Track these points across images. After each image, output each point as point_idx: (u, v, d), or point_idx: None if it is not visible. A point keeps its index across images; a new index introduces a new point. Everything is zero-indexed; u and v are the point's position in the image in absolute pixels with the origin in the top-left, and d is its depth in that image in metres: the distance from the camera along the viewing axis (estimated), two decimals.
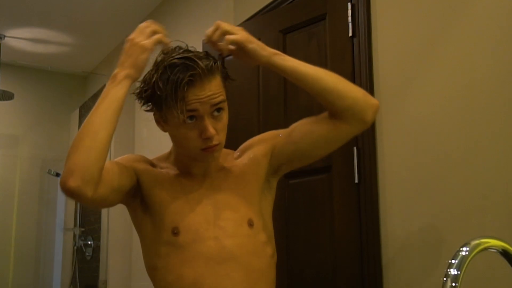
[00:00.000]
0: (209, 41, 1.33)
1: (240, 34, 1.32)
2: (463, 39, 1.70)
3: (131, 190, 1.34)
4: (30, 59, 4.76)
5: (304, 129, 1.43)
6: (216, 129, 1.28)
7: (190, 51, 1.28)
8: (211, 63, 1.26)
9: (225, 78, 1.32)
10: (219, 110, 1.29)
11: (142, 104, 1.33)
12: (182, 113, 1.23)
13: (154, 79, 1.26)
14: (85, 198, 1.18)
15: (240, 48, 1.32)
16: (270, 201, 1.47)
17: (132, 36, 1.29)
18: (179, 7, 3.58)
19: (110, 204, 1.36)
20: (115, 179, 1.28)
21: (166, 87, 1.23)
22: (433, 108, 1.77)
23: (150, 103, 1.31)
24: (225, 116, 1.31)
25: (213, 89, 1.26)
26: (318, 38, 2.22)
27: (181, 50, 1.29)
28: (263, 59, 1.34)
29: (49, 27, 4.28)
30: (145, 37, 1.28)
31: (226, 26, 1.32)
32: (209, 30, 1.33)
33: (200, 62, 1.24)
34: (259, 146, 1.46)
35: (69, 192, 1.17)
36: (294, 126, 1.46)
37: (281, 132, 1.47)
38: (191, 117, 1.26)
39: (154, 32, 1.29)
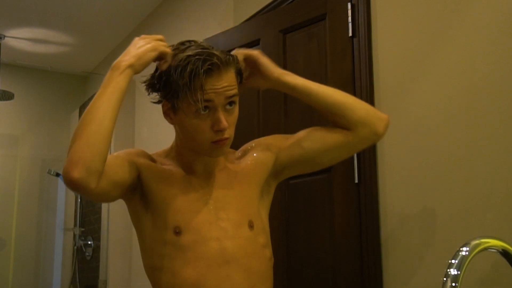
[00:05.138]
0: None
1: (254, 52, 1.41)
2: (463, 39, 1.70)
3: (131, 185, 1.33)
4: (30, 59, 4.76)
5: (315, 135, 1.45)
6: (228, 122, 1.28)
7: (206, 44, 1.31)
8: (228, 56, 1.29)
9: (239, 73, 1.34)
10: (231, 103, 1.30)
11: (152, 93, 1.32)
12: (198, 101, 1.24)
13: (171, 67, 1.26)
14: (89, 190, 1.17)
15: (254, 65, 1.39)
16: (268, 205, 1.47)
17: (143, 36, 1.30)
18: (179, 7, 3.58)
19: (111, 198, 1.34)
20: (117, 173, 1.27)
21: (184, 75, 1.23)
22: (433, 108, 1.77)
23: (161, 93, 1.31)
24: (236, 110, 1.33)
25: (229, 80, 1.28)
26: (318, 38, 2.22)
27: (198, 43, 1.30)
28: (274, 75, 1.41)
29: (49, 27, 4.28)
30: (156, 41, 1.30)
31: (243, 50, 1.40)
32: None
33: (217, 53, 1.26)
34: (264, 148, 1.46)
35: (72, 184, 1.15)
36: (303, 131, 1.48)
37: (288, 136, 1.49)
38: (204, 108, 1.26)
39: (162, 42, 1.31)
